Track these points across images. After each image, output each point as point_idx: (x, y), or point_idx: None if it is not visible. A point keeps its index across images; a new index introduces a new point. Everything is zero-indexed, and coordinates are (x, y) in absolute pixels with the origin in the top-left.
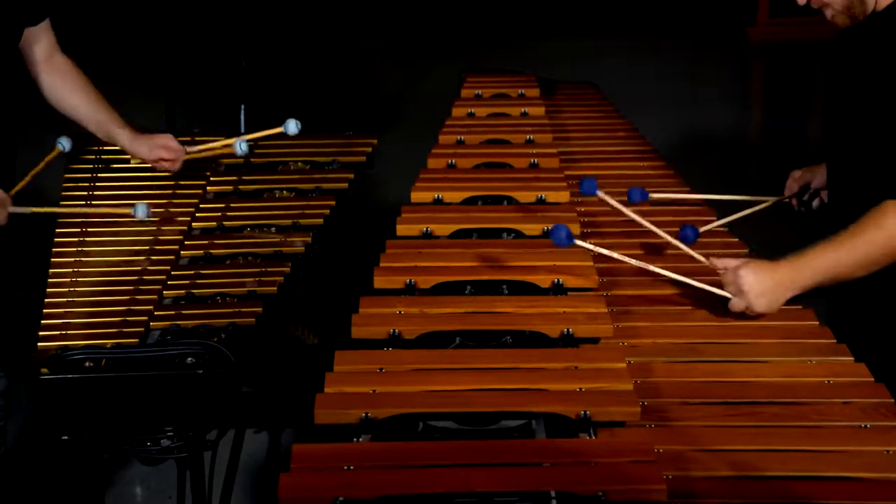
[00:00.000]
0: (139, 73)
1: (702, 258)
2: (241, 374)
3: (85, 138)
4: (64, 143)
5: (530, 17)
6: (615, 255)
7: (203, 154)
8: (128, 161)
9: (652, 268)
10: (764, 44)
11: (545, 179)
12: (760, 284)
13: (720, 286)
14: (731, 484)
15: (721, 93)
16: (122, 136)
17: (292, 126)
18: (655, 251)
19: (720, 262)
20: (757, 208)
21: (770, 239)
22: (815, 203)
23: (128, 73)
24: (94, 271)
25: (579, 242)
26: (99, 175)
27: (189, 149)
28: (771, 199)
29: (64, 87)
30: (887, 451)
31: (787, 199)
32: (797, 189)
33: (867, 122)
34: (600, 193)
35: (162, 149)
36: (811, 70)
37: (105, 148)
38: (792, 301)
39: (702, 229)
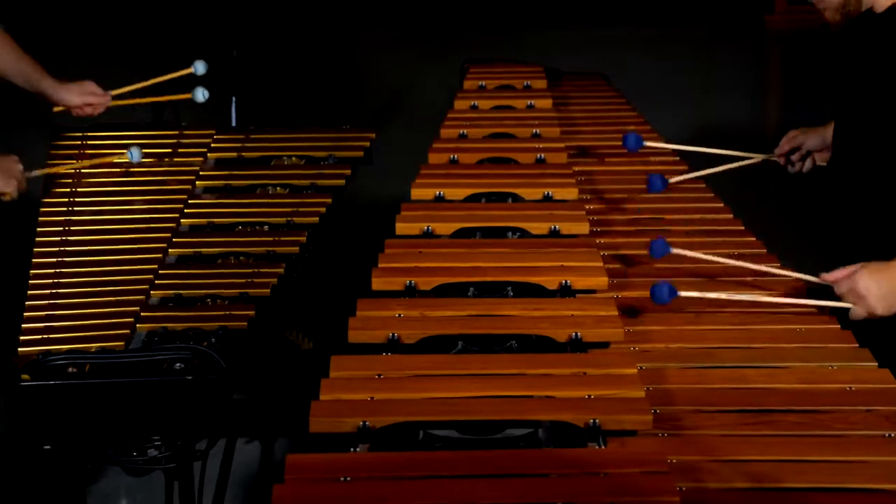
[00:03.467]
0: (126, 63)
1: (807, 276)
2: (233, 381)
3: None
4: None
5: (538, 5)
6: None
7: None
8: (112, 154)
9: (762, 297)
10: (782, 32)
11: (552, 175)
12: (879, 287)
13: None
14: (748, 496)
15: (736, 84)
16: (48, 85)
17: (199, 94)
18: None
19: (830, 276)
20: (742, 163)
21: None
22: (808, 165)
23: (114, 63)
24: (78, 271)
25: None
26: (83, 171)
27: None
28: (759, 156)
29: None
30: None
31: (775, 158)
32: (787, 149)
33: (871, 126)
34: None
35: (90, 94)
36: (830, 59)
37: (88, 143)
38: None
39: (672, 180)
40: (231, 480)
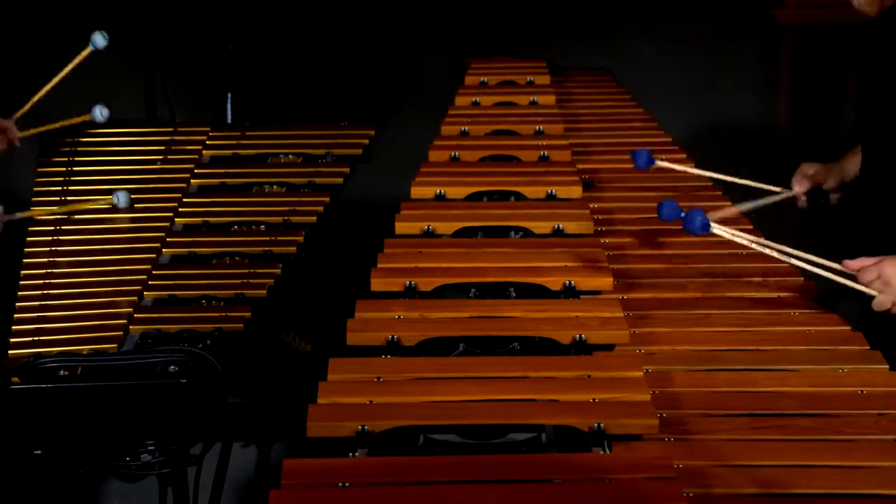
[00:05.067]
0: (118, 58)
1: (829, 262)
2: (228, 384)
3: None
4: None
5: None
6: (753, 244)
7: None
8: (103, 154)
9: (799, 263)
10: (792, 27)
11: (556, 173)
12: None
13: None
14: (757, 502)
15: (745, 80)
16: None
17: (98, 113)
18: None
19: (855, 263)
20: (768, 200)
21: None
22: (835, 198)
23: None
24: (69, 271)
25: (716, 229)
26: (74, 169)
27: None
28: (781, 194)
29: None
30: None
31: (793, 196)
32: (809, 186)
33: None
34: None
35: None
36: (843, 55)
37: (79, 139)
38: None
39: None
40: (227, 486)
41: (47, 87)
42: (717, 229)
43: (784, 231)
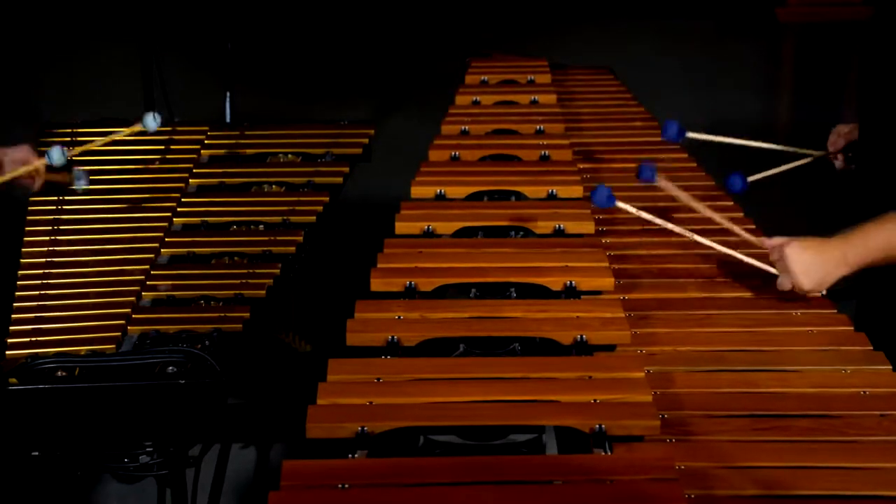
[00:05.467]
0: (115, 56)
1: (749, 236)
2: (227, 385)
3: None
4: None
5: None
6: (658, 220)
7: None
8: (101, 154)
9: (698, 238)
10: (794, 25)
11: (557, 173)
12: (806, 262)
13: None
14: (758, 503)
15: (747, 79)
16: None
17: (150, 121)
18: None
19: (769, 241)
20: (797, 163)
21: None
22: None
23: (103, 55)
24: (67, 271)
25: (620, 204)
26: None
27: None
28: (813, 154)
29: None
30: None
31: (830, 155)
32: (843, 145)
33: None
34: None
35: (12, 163)
36: (845, 54)
37: (76, 139)
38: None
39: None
40: (225, 488)
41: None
42: (620, 204)
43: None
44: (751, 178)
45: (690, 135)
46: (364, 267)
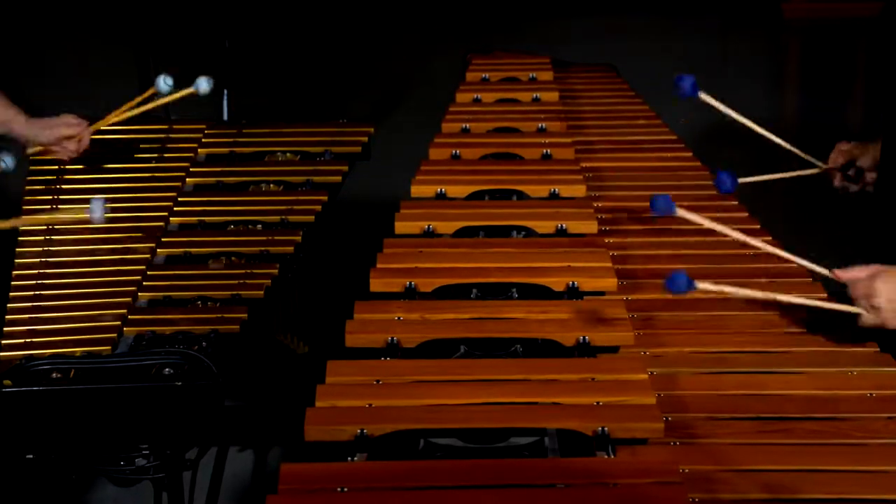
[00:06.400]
0: (111, 55)
1: (822, 269)
2: (224, 387)
3: None
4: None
5: None
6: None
7: (120, 116)
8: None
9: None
10: (800, 21)
11: (559, 172)
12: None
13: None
14: None
15: (752, 76)
16: (19, 123)
17: (204, 84)
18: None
19: (846, 274)
20: (794, 174)
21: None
22: (871, 178)
23: (99, 55)
24: (62, 272)
25: (701, 285)
26: (66, 167)
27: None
28: (815, 166)
29: None
30: None
31: (828, 170)
32: (843, 162)
33: None
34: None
35: (62, 126)
36: (851, 50)
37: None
38: None
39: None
40: (223, 491)
41: (125, 113)
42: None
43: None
44: (744, 180)
45: (703, 96)
46: (363, 267)
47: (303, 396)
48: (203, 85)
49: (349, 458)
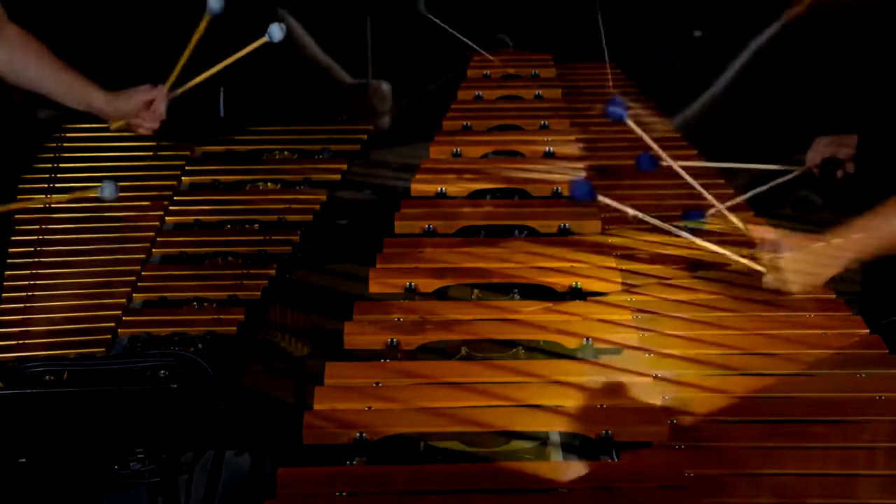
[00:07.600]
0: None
1: (740, 224)
2: (221, 389)
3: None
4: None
5: None
6: (631, 211)
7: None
8: (91, 150)
9: (684, 234)
10: (797, 12)
11: (562, 170)
12: (799, 261)
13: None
14: None
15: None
16: (96, 98)
17: (277, 31)
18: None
19: (756, 232)
20: (783, 180)
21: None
22: (840, 173)
23: (97, 51)
24: (55, 272)
25: (602, 199)
26: (60, 166)
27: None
28: (796, 170)
29: (24, 58)
30: None
31: (808, 170)
32: (820, 161)
33: None
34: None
35: (140, 93)
36: (846, 40)
37: (66, 134)
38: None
39: (725, 205)
40: (219, 495)
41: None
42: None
43: None
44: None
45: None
46: (363, 267)
47: (301, 399)
48: (276, 32)
49: (348, 462)
